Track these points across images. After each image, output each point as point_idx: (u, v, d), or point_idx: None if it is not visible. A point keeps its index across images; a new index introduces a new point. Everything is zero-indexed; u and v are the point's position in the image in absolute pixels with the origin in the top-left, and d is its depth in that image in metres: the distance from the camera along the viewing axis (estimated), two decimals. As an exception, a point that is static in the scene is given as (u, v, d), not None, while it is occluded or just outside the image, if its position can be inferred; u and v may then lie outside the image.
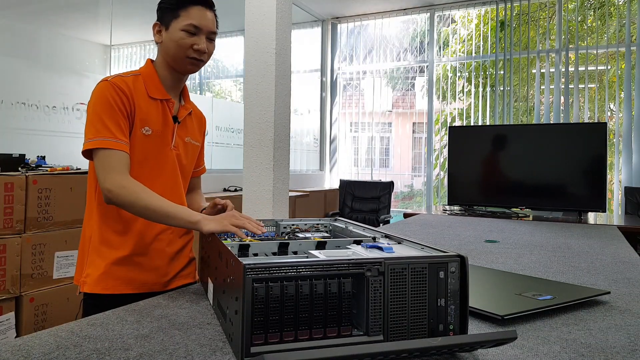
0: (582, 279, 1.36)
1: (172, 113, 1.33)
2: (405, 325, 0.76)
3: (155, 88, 1.30)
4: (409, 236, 1.10)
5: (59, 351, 0.76)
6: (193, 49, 1.27)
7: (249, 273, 0.69)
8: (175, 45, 1.26)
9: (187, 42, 1.26)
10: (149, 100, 1.28)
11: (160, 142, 1.29)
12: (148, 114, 1.26)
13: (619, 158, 4.75)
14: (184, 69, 1.31)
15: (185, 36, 1.25)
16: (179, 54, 1.27)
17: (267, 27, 3.15)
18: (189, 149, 1.39)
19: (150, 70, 1.33)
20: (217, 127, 4.51)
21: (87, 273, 1.25)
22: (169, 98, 1.32)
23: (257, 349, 0.69)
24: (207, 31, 1.28)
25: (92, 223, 1.28)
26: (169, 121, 1.31)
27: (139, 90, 1.27)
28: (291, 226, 1.30)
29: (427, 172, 5.69)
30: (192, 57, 1.28)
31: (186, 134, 1.38)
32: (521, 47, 5.25)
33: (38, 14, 3.43)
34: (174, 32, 1.26)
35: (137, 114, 1.24)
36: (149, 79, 1.31)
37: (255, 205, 3.16)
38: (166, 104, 1.31)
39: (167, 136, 1.31)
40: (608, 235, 2.27)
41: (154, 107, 1.28)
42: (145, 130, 1.26)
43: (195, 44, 1.26)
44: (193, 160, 1.44)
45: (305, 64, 6.29)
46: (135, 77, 1.29)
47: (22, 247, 2.29)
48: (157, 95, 1.30)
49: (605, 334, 0.89)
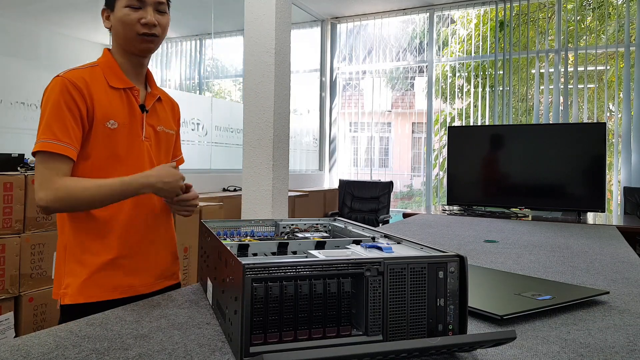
0: (581, 279, 1.36)
1: (138, 102, 1.24)
2: (404, 325, 0.76)
3: (116, 77, 1.22)
4: (408, 236, 1.10)
5: (58, 351, 0.76)
6: (141, 24, 1.18)
7: (248, 273, 0.69)
8: (122, 24, 1.18)
9: (132, 17, 1.17)
10: (111, 91, 1.19)
11: (129, 135, 1.21)
12: (111, 107, 1.18)
13: (618, 158, 4.76)
14: (138, 49, 1.22)
15: (129, 12, 1.17)
16: (129, 33, 1.19)
17: (266, 27, 3.15)
18: (162, 138, 1.31)
19: (107, 58, 1.24)
20: (217, 127, 4.51)
21: (67, 283, 1.17)
22: (133, 86, 1.23)
23: (257, 349, 0.69)
24: (153, 2, 1.20)
25: (65, 231, 1.20)
26: (136, 111, 1.23)
27: (97, 82, 1.18)
28: (290, 226, 1.30)
29: (427, 172, 5.69)
30: (142, 33, 1.19)
31: (158, 122, 1.30)
32: (520, 47, 5.26)
33: (38, 14, 3.43)
34: (119, 12, 1.18)
35: (97, 109, 1.15)
36: (107, 68, 1.22)
37: (255, 205, 3.17)
38: (130, 93, 1.23)
39: (136, 127, 1.23)
40: (607, 235, 2.27)
41: (116, 98, 1.20)
42: (111, 124, 1.17)
43: (142, 18, 1.18)
44: (169, 150, 1.36)
45: (304, 64, 6.29)
46: (92, 68, 1.21)
47: (21, 246, 2.29)
48: (119, 84, 1.21)
49: (604, 334, 0.89)
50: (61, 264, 1.19)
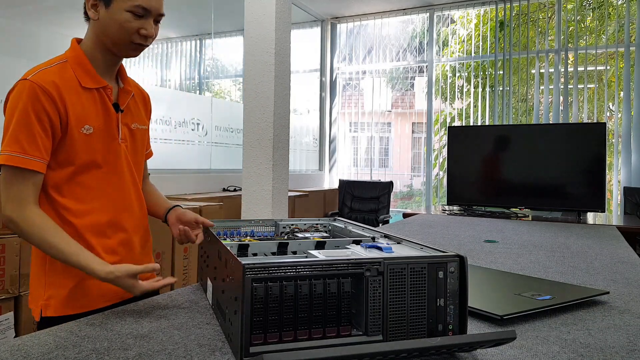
0: (581, 279, 1.36)
1: (111, 101, 1.16)
2: (404, 325, 0.76)
3: (88, 76, 1.12)
4: (408, 236, 1.10)
5: (58, 351, 0.76)
6: (139, 34, 1.10)
7: (248, 273, 0.69)
8: (119, 28, 1.09)
9: (133, 25, 1.09)
10: (83, 92, 1.10)
11: (106, 138, 1.13)
12: (84, 111, 1.09)
13: (618, 158, 4.76)
14: (124, 54, 1.15)
15: (131, 19, 1.08)
16: (123, 38, 1.10)
17: (266, 27, 3.15)
18: (137, 136, 1.23)
19: (77, 53, 1.13)
20: (217, 127, 4.51)
21: (49, 295, 1.10)
22: (106, 85, 1.14)
23: (256, 349, 0.69)
24: (156, 14, 1.13)
25: None
26: (110, 112, 1.15)
27: (69, 83, 1.08)
28: (290, 226, 1.30)
29: (427, 172, 5.69)
30: (137, 42, 1.11)
31: (132, 120, 1.22)
32: (520, 47, 5.26)
33: (38, 14, 3.43)
34: (117, 12, 1.08)
35: (71, 114, 1.06)
36: (78, 65, 1.12)
37: (255, 205, 3.17)
38: (103, 92, 1.14)
39: (112, 130, 1.15)
40: (607, 236, 2.27)
41: (90, 100, 1.11)
42: (86, 129, 1.09)
43: (143, 29, 1.10)
44: (144, 147, 1.28)
45: (304, 64, 6.29)
46: (62, 65, 1.10)
47: (21, 247, 2.29)
48: (92, 84, 1.12)
49: (604, 334, 0.89)
50: (41, 275, 1.12)
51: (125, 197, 1.19)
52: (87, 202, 1.12)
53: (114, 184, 1.16)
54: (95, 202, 1.13)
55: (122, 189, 1.18)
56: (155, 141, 3.80)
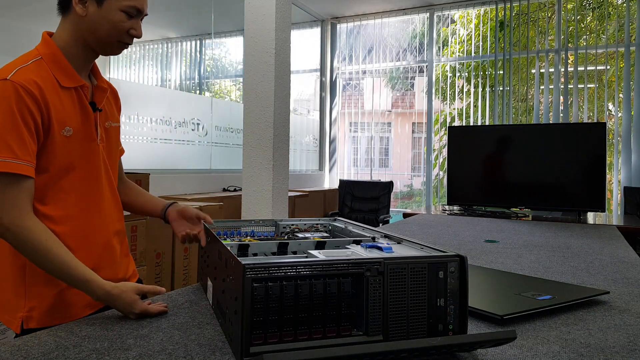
0: (582, 278, 1.36)
1: (88, 100, 1.12)
2: (404, 325, 0.76)
3: (66, 75, 1.07)
4: (408, 236, 1.10)
5: (58, 351, 0.76)
6: (129, 34, 1.09)
7: (248, 273, 0.69)
8: (111, 27, 1.06)
9: (125, 25, 1.07)
10: (62, 92, 1.05)
11: (84, 140, 1.09)
12: (64, 111, 1.05)
13: (618, 158, 4.76)
14: (107, 52, 1.12)
15: (125, 19, 1.07)
16: (112, 37, 1.08)
17: (266, 27, 3.15)
18: (111, 135, 1.20)
19: (52, 50, 1.07)
20: (217, 127, 4.51)
21: (31, 306, 1.04)
22: (83, 83, 1.09)
23: (257, 349, 0.69)
24: (144, 14, 1.12)
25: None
26: (87, 112, 1.10)
27: (48, 83, 1.03)
28: (290, 226, 1.30)
29: (427, 172, 5.69)
30: (125, 42, 1.10)
31: (106, 118, 1.18)
32: (520, 47, 5.25)
33: (38, 14, 3.43)
34: (111, 11, 1.05)
35: (53, 115, 1.02)
36: (54, 63, 1.06)
37: (255, 205, 3.17)
38: (81, 91, 1.09)
39: (90, 130, 1.11)
40: (607, 235, 2.27)
41: (69, 100, 1.06)
42: (66, 131, 1.04)
43: (133, 29, 1.09)
44: (117, 147, 1.25)
45: (304, 64, 6.29)
46: (37, 63, 1.04)
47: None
48: (70, 83, 1.07)
49: (604, 334, 0.89)
50: (19, 284, 1.05)
51: (103, 199, 1.15)
52: (67, 207, 1.08)
53: (92, 186, 1.12)
54: (75, 207, 1.09)
55: (99, 192, 1.14)
56: (155, 141, 3.80)
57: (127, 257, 1.27)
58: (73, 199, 1.08)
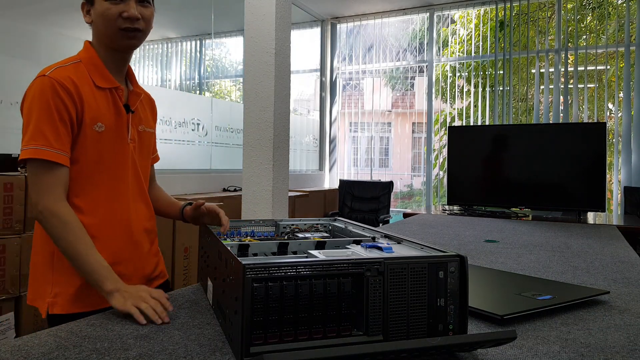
0: (582, 278, 1.36)
1: (123, 102, 1.18)
2: (404, 325, 0.76)
3: (102, 76, 1.15)
4: (408, 236, 1.10)
5: (58, 351, 0.76)
6: (123, 18, 1.11)
7: (248, 273, 0.69)
8: (103, 18, 1.11)
9: (113, 11, 1.10)
10: (97, 91, 1.13)
11: (116, 138, 1.15)
12: (98, 108, 1.12)
13: (618, 158, 4.76)
14: (121, 45, 1.16)
15: (110, 6, 1.10)
16: (110, 28, 1.12)
17: (266, 27, 3.15)
18: (144, 139, 1.26)
19: (91, 54, 1.16)
20: (217, 127, 4.51)
21: (56, 292, 1.10)
22: (118, 85, 1.17)
23: (257, 349, 0.69)
24: None
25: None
26: (121, 112, 1.17)
27: (84, 82, 1.11)
28: (291, 226, 1.30)
29: (427, 172, 5.69)
30: (124, 27, 1.12)
31: (140, 122, 1.24)
32: (520, 47, 5.25)
33: (38, 14, 3.43)
34: (99, 6, 1.11)
35: (87, 111, 1.09)
36: (92, 65, 1.15)
37: (255, 205, 3.16)
38: (115, 93, 1.17)
39: (122, 130, 1.17)
40: (607, 235, 2.27)
41: (103, 99, 1.14)
42: (98, 127, 1.11)
43: (124, 12, 1.10)
44: (150, 151, 1.31)
45: (304, 64, 6.29)
46: (76, 65, 1.13)
47: (21, 247, 2.29)
48: (105, 84, 1.15)
49: (604, 334, 0.89)
50: (46, 272, 1.12)
51: (129, 196, 1.20)
52: (94, 200, 1.13)
53: (119, 183, 1.17)
54: (100, 200, 1.14)
55: (125, 189, 1.19)
56: (155, 141, 3.80)
57: (156, 256, 1.31)
58: (100, 192, 1.14)
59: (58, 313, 1.09)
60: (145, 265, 1.25)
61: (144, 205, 1.26)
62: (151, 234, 1.29)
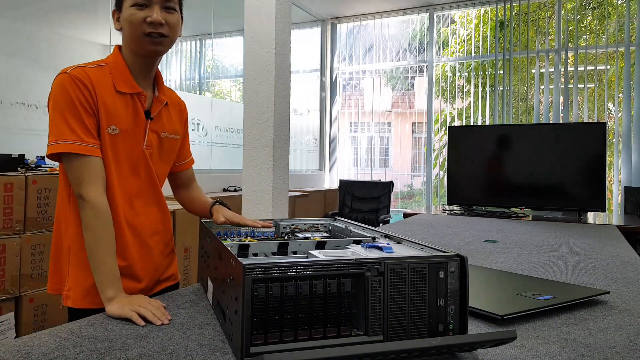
0: (582, 278, 1.36)
1: (144, 108, 1.20)
2: (404, 325, 0.76)
3: (124, 81, 1.17)
4: (408, 236, 1.10)
5: (58, 351, 0.76)
6: (147, 23, 1.13)
7: (248, 273, 0.69)
8: (129, 24, 1.13)
9: (138, 17, 1.12)
10: (117, 95, 1.15)
11: (131, 142, 1.17)
12: (114, 111, 1.13)
13: (618, 158, 4.75)
14: (147, 50, 1.17)
15: (135, 11, 1.12)
16: (135, 33, 1.14)
17: (266, 27, 3.14)
18: (166, 145, 1.27)
19: (118, 59, 1.19)
20: (217, 127, 4.51)
21: (70, 287, 1.15)
22: (140, 91, 1.18)
23: (257, 349, 0.69)
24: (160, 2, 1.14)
25: (69, 230, 1.15)
26: (140, 117, 1.19)
27: (103, 84, 1.13)
28: (291, 226, 1.30)
29: (427, 171, 5.69)
30: (148, 32, 1.13)
31: (162, 128, 1.25)
32: (520, 47, 5.25)
33: (38, 14, 3.43)
34: (126, 12, 1.14)
35: (102, 111, 1.11)
36: (116, 70, 1.17)
37: (255, 205, 3.16)
38: (137, 98, 1.18)
39: (138, 134, 1.18)
40: (607, 235, 2.27)
41: (122, 103, 1.15)
42: (111, 129, 1.13)
43: (148, 17, 1.12)
44: (171, 157, 1.32)
45: (304, 64, 6.29)
46: (100, 67, 1.15)
47: (21, 247, 2.29)
48: (126, 89, 1.16)
49: (604, 334, 0.89)
50: (64, 265, 1.17)
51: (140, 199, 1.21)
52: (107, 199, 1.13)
53: (130, 184, 1.19)
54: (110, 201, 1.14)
55: (138, 192, 1.20)
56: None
57: (168, 257, 1.32)
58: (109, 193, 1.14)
59: (69, 306, 1.14)
60: (157, 266, 1.26)
61: (158, 208, 1.27)
62: (165, 236, 1.30)
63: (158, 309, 0.94)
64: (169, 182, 1.43)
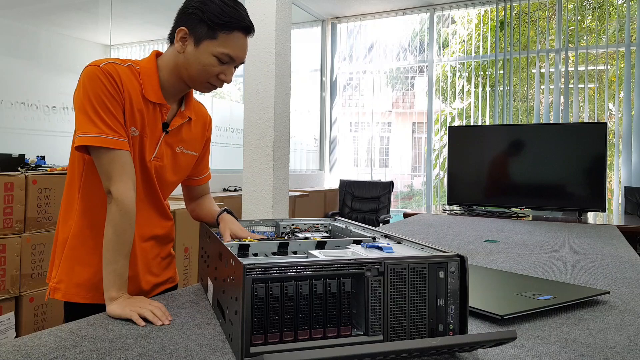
0: (582, 278, 1.36)
1: (164, 119, 1.17)
2: (405, 325, 0.76)
3: (152, 90, 1.14)
4: (408, 236, 1.10)
5: (58, 351, 0.76)
6: (218, 78, 1.13)
7: (248, 273, 0.69)
8: (201, 69, 1.11)
9: (215, 70, 1.11)
10: (141, 99, 1.12)
11: (142, 149, 1.14)
12: (139, 114, 1.12)
13: (618, 158, 4.75)
14: (197, 88, 1.17)
15: (216, 63, 1.10)
16: (201, 78, 1.12)
17: (267, 27, 3.15)
18: (180, 159, 1.24)
19: (151, 67, 1.16)
20: (217, 127, 4.51)
21: (60, 279, 1.14)
22: (164, 103, 1.16)
23: (257, 349, 0.69)
24: (239, 62, 1.15)
25: (69, 223, 1.14)
26: (157, 128, 1.16)
27: (132, 84, 1.11)
28: (291, 226, 1.30)
29: (427, 171, 5.69)
30: (213, 84, 1.14)
31: (179, 143, 1.22)
32: (521, 47, 5.25)
33: (38, 14, 3.43)
34: (203, 54, 1.10)
35: (127, 109, 1.10)
36: (147, 77, 1.14)
37: (255, 205, 3.16)
38: (159, 109, 1.16)
39: (151, 144, 1.16)
40: (608, 235, 2.27)
41: (144, 109, 1.13)
42: (132, 130, 1.11)
43: (223, 74, 1.12)
44: (183, 171, 1.28)
45: (305, 64, 6.29)
46: (131, 67, 1.13)
47: (21, 247, 2.29)
48: (152, 97, 1.14)
49: (604, 334, 0.89)
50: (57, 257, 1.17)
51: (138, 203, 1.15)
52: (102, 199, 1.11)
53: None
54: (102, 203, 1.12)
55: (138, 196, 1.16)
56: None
57: (165, 260, 1.30)
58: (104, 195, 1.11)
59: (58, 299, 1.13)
60: (151, 269, 1.24)
61: (156, 213, 1.24)
62: (163, 240, 1.28)
63: (159, 309, 0.94)
64: (182, 192, 1.41)
